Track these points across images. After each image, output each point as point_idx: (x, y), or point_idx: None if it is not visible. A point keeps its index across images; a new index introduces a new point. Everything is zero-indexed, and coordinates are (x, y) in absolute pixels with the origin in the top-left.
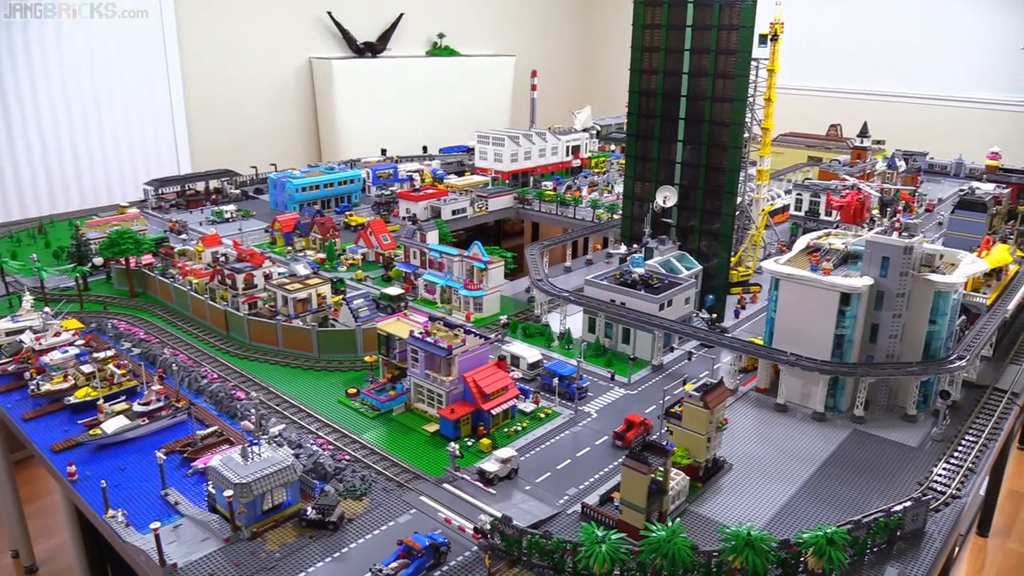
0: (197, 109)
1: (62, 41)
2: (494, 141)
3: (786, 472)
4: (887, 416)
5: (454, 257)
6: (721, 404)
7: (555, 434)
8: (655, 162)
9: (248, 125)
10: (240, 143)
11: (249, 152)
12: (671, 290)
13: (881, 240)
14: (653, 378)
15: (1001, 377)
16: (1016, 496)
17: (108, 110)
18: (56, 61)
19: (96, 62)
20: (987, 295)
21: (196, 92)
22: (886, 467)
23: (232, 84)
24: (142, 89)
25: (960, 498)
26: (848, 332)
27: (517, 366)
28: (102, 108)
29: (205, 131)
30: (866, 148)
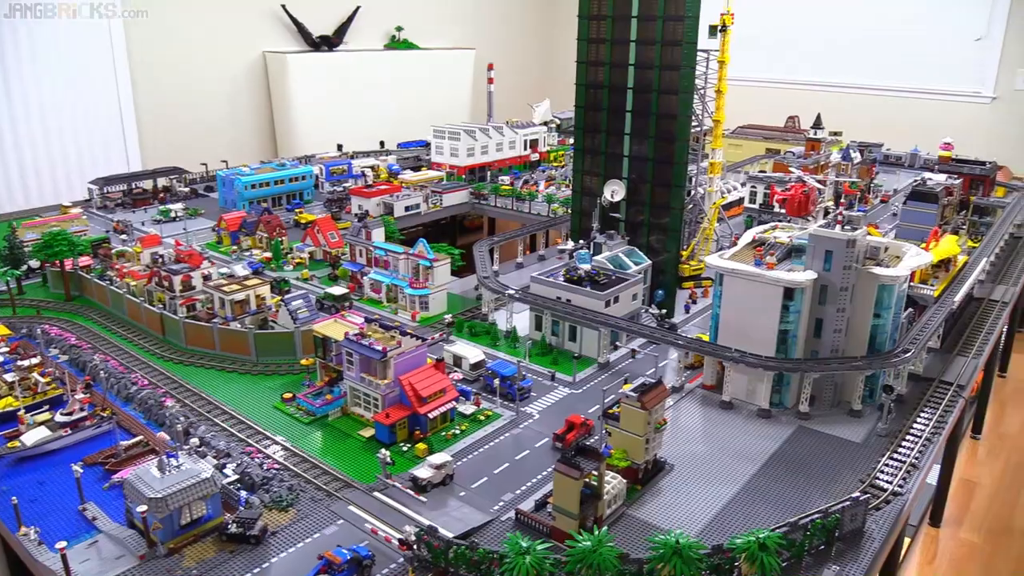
0: (147, 105)
1: (4, 39)
2: (450, 136)
3: (728, 471)
4: (833, 411)
5: (399, 255)
6: (659, 404)
7: (494, 437)
8: (603, 156)
9: (201, 121)
10: (193, 140)
11: (202, 149)
12: (617, 286)
13: (824, 234)
14: (599, 376)
15: (948, 369)
16: (968, 485)
17: (52, 108)
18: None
19: (39, 59)
20: (934, 287)
21: (146, 88)
22: (830, 464)
23: (184, 79)
24: (88, 86)
25: (902, 495)
26: (792, 327)
27: (459, 366)
28: (46, 106)
29: (156, 128)
30: (820, 140)
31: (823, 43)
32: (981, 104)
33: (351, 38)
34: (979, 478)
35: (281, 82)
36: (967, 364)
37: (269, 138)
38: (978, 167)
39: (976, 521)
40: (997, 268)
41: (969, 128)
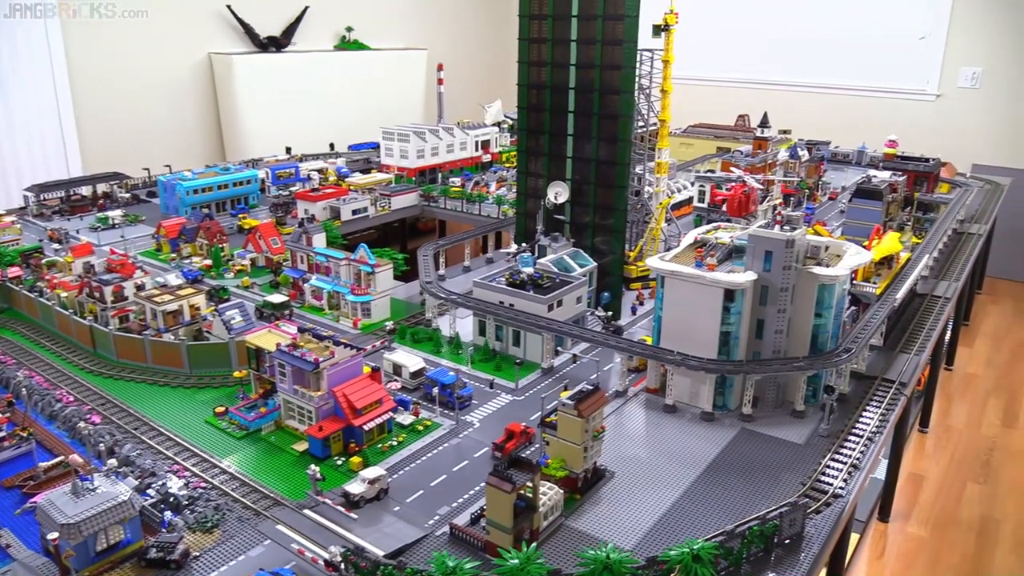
0: (88, 109)
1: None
2: (399, 137)
3: (670, 477)
4: (776, 413)
5: (340, 261)
6: (597, 411)
7: (433, 447)
8: (547, 157)
9: (146, 125)
10: (137, 144)
11: (147, 153)
12: (560, 290)
13: (763, 234)
14: (542, 382)
15: (891, 367)
16: (916, 479)
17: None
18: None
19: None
20: (877, 284)
21: (86, 91)
22: (772, 467)
23: (127, 82)
24: (23, 88)
25: (842, 496)
26: (734, 329)
27: (399, 375)
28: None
29: (98, 132)
30: (767, 138)
31: (772, 42)
32: (926, 102)
33: (300, 39)
34: (926, 472)
35: (227, 84)
36: (909, 361)
37: (216, 141)
38: (922, 164)
39: (923, 514)
40: (940, 264)
41: (915, 125)
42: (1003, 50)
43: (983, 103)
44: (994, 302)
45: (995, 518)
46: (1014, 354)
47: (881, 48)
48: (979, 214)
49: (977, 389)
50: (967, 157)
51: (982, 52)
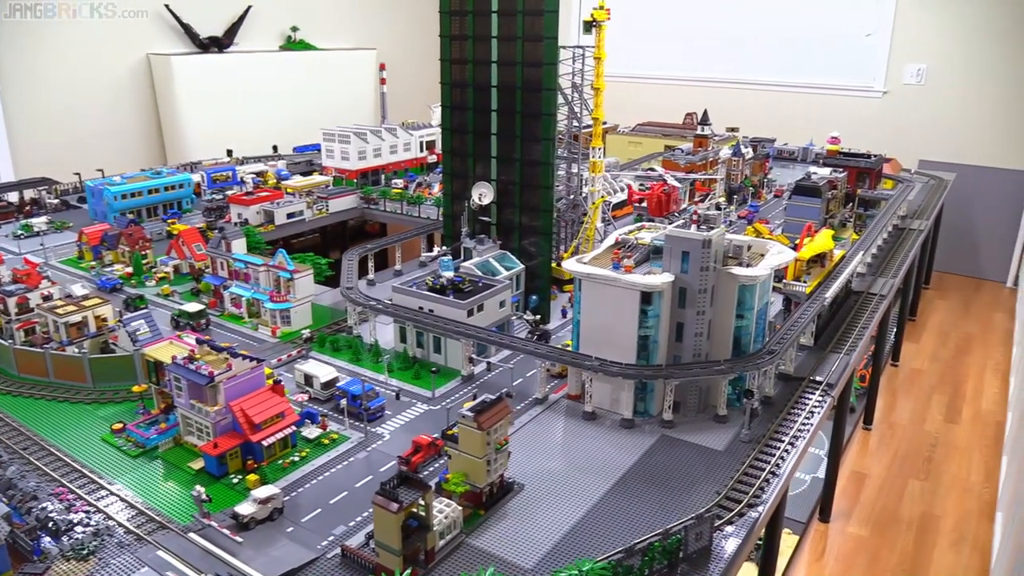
0: (19, 112)
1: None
2: (340, 138)
3: (582, 489)
4: (699, 418)
5: (259, 267)
6: (501, 422)
7: (338, 462)
8: (471, 158)
9: (81, 128)
10: (74, 148)
11: (85, 157)
12: (481, 294)
13: (679, 234)
14: (461, 390)
15: (820, 368)
16: (858, 477)
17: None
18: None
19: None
20: (807, 283)
21: (17, 93)
22: (689, 475)
23: (62, 84)
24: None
25: (757, 506)
26: (652, 332)
27: (311, 386)
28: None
29: (30, 137)
30: (707, 136)
31: (721, 41)
32: (873, 98)
33: (243, 39)
34: (869, 469)
35: (167, 86)
36: (838, 362)
37: (157, 144)
38: (864, 160)
39: (864, 513)
40: (879, 260)
41: (863, 122)
42: (947, 46)
43: (928, 99)
44: (941, 297)
45: (935, 515)
46: (959, 349)
47: (828, 46)
48: (921, 210)
49: (922, 385)
50: (914, 153)
51: (927, 48)
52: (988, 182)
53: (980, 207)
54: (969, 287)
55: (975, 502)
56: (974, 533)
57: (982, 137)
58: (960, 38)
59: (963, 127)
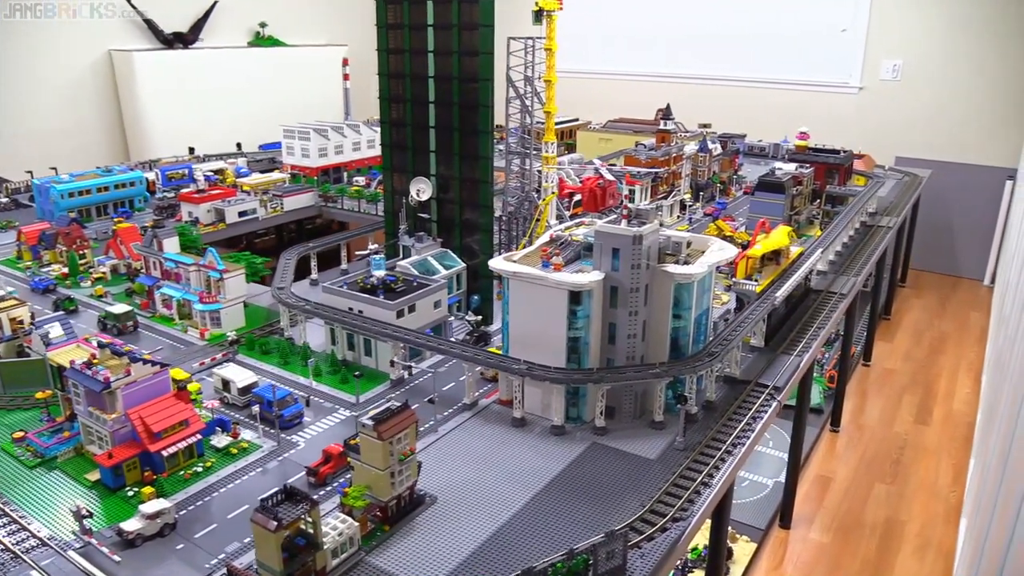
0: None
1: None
2: (300, 135)
3: (501, 500)
4: (634, 424)
5: (190, 266)
6: (405, 432)
7: (244, 473)
8: (410, 152)
9: (41, 126)
10: (35, 145)
11: (46, 155)
12: (412, 294)
13: (609, 230)
14: (388, 396)
15: (768, 370)
16: (823, 481)
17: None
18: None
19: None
20: (759, 282)
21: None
22: (616, 486)
23: (22, 80)
24: None
25: (683, 520)
26: (583, 334)
27: (228, 391)
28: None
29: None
30: (669, 131)
31: (697, 38)
32: (849, 95)
33: (210, 35)
34: (835, 473)
35: (129, 83)
36: (788, 364)
37: (120, 142)
38: (832, 156)
39: (827, 519)
40: (843, 258)
41: (838, 119)
42: (924, 42)
43: (904, 95)
44: (917, 295)
45: (900, 519)
46: (933, 348)
47: (804, 42)
48: (892, 206)
49: (893, 385)
50: (890, 150)
51: (903, 44)
52: (965, 178)
53: (957, 204)
54: (946, 285)
55: (942, 506)
56: (939, 538)
57: (959, 133)
58: (937, 33)
59: (940, 123)
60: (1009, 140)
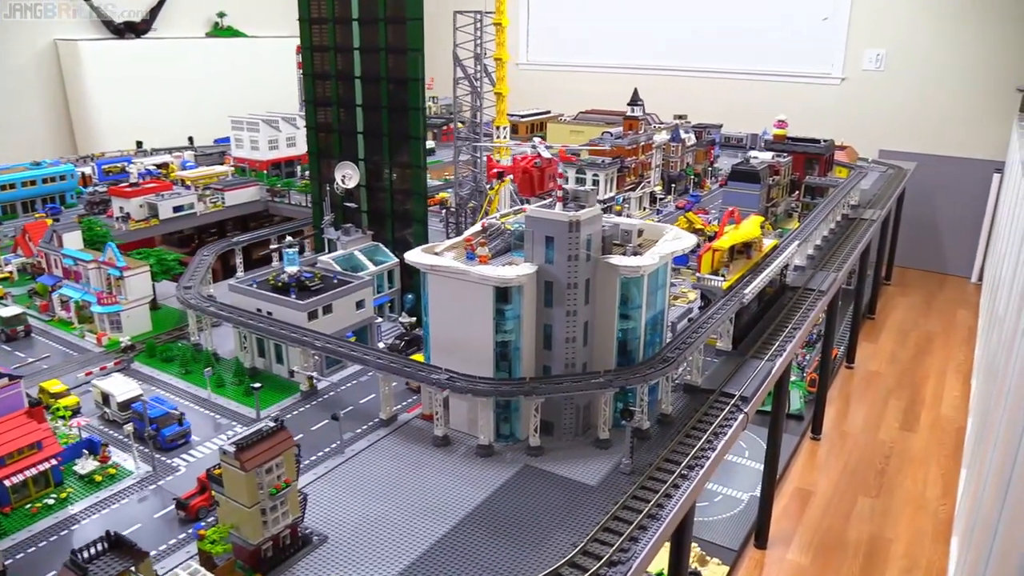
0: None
1: None
2: (248, 126)
3: (404, 539)
4: (576, 443)
5: (89, 264)
6: (276, 460)
7: (108, 504)
8: (337, 134)
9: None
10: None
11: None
12: (326, 293)
13: (541, 215)
14: (299, 409)
15: (735, 378)
16: (803, 495)
17: None
18: None
19: None
20: (726, 277)
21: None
22: (547, 519)
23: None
24: None
25: (622, 564)
26: (513, 338)
27: (108, 405)
28: None
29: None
30: (637, 117)
31: (675, 29)
32: (831, 85)
33: (166, 25)
34: (815, 485)
35: (75, 73)
36: (758, 370)
37: (66, 135)
38: (812, 145)
39: (807, 537)
40: (823, 253)
41: (820, 110)
42: (908, 30)
43: (888, 85)
44: (903, 293)
45: (886, 537)
46: (920, 348)
47: (784, 31)
48: (876, 199)
49: (878, 389)
50: (874, 142)
51: (886, 33)
52: (952, 172)
53: (943, 199)
54: (932, 283)
55: (930, 522)
56: (928, 558)
57: (945, 125)
58: (922, 20)
59: (925, 115)
60: (997, 132)
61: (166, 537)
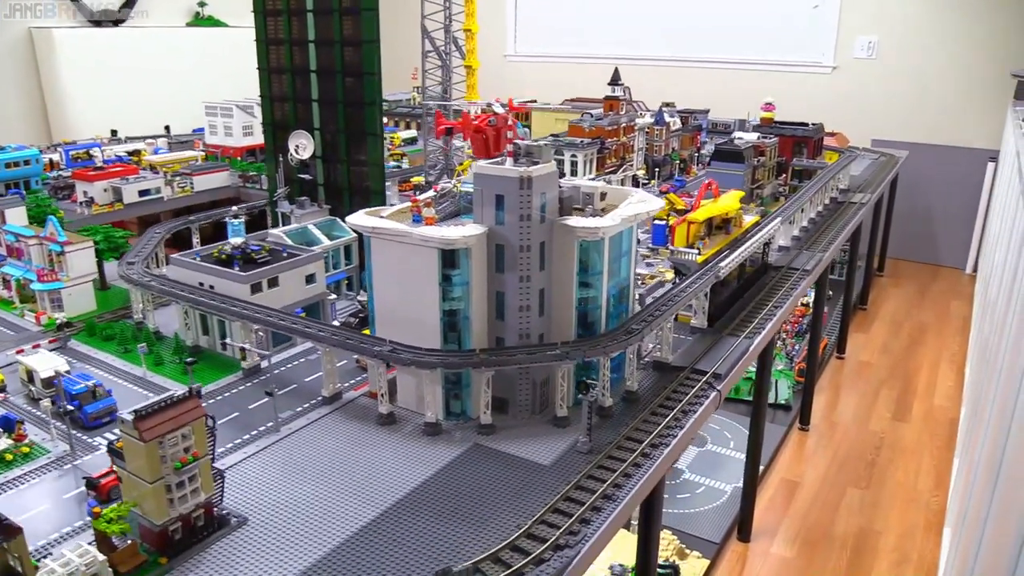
0: None
1: None
2: (223, 112)
3: (332, 521)
4: (532, 422)
5: (30, 240)
6: (182, 430)
7: (19, 483)
8: (292, 102)
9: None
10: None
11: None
12: (271, 266)
13: (489, 171)
14: (238, 387)
15: (709, 354)
16: (789, 486)
17: None
18: None
19: None
20: (700, 251)
21: None
22: (493, 500)
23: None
24: None
25: (571, 546)
26: (461, 306)
27: (33, 383)
28: None
29: None
30: (618, 98)
31: (666, 19)
32: (822, 74)
33: (146, 14)
34: (802, 476)
35: (50, 61)
36: (735, 347)
37: (41, 122)
38: (800, 128)
39: (793, 530)
40: (809, 235)
41: (811, 100)
42: (900, 17)
43: (880, 74)
44: (896, 285)
45: (875, 530)
46: (912, 339)
47: (774, 19)
48: (867, 183)
49: (869, 379)
50: (865, 132)
51: (878, 20)
52: (945, 161)
53: (937, 189)
54: (926, 274)
55: (922, 514)
56: (919, 551)
57: (938, 113)
58: (914, 8)
59: (918, 103)
60: (991, 120)
61: (73, 519)
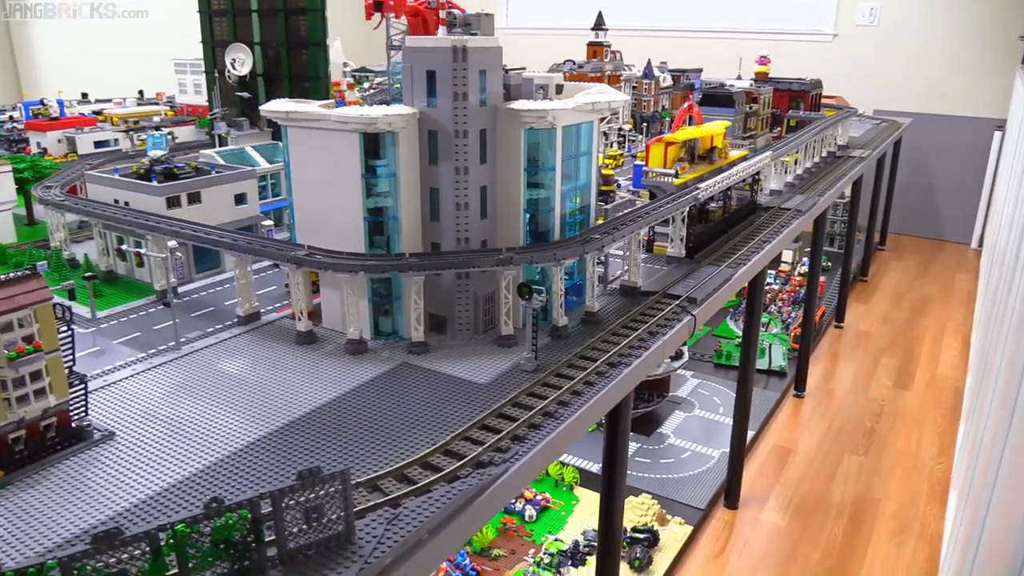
0: None
1: None
2: (192, 69)
3: (211, 438)
4: (474, 341)
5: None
6: (18, 313)
7: None
8: (231, 16)
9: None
10: None
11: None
12: (191, 179)
13: (418, 43)
14: (149, 309)
15: (685, 280)
16: (782, 452)
17: None
18: None
19: None
20: (679, 173)
21: None
22: (409, 419)
23: None
24: None
25: (495, 464)
26: (390, 203)
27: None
28: None
29: None
30: (601, 43)
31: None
32: (822, 43)
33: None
34: (796, 443)
35: (21, 22)
36: (715, 275)
37: (12, 83)
38: (796, 83)
39: (784, 498)
40: (804, 182)
41: (811, 69)
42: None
43: (883, 41)
44: (898, 259)
45: (874, 497)
46: (915, 310)
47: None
48: (869, 141)
49: (869, 347)
50: (868, 101)
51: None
52: (950, 132)
53: (941, 161)
54: (929, 249)
55: (925, 482)
56: (921, 520)
57: (943, 82)
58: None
59: (922, 71)
60: (998, 87)
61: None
